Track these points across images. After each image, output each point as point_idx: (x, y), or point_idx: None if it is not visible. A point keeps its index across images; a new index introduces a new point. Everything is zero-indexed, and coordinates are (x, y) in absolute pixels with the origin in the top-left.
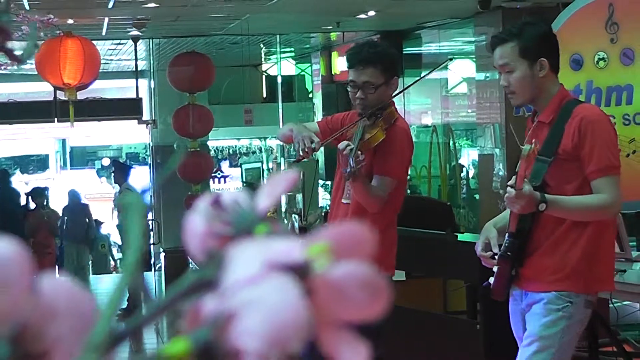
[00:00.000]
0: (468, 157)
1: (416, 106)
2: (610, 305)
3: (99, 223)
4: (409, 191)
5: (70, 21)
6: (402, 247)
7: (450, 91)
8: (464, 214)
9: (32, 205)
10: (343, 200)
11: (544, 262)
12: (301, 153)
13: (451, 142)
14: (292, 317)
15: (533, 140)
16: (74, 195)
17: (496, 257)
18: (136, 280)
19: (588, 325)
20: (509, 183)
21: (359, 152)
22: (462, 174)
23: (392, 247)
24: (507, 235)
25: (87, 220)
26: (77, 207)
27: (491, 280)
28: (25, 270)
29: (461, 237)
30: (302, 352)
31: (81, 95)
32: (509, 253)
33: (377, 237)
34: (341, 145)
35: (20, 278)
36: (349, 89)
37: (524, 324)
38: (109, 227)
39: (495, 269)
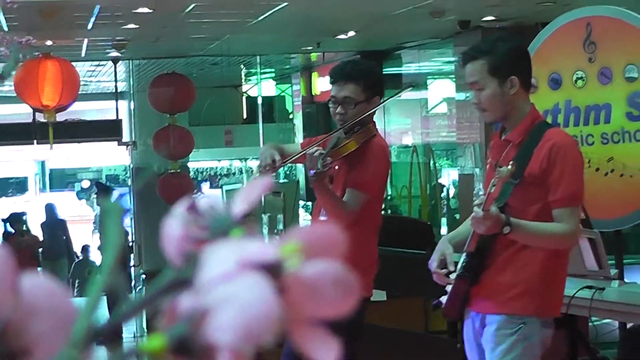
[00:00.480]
0: (448, 177)
1: (396, 126)
2: (590, 324)
3: (86, 249)
4: (389, 211)
5: (49, 42)
6: (383, 266)
7: (430, 111)
8: (444, 233)
9: (11, 231)
10: (321, 217)
11: (498, 280)
12: (261, 170)
13: (431, 162)
14: (264, 313)
15: (511, 162)
16: (51, 211)
17: (452, 275)
18: (115, 279)
19: (568, 343)
20: (475, 202)
21: (328, 158)
22: (442, 194)
23: (371, 267)
24: (465, 254)
25: (64, 236)
26: (54, 223)
27: (443, 299)
28: (7, 269)
29: None
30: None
31: (60, 117)
32: (466, 273)
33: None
34: (311, 150)
35: (2, 277)
36: (330, 105)
37: (479, 349)
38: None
39: (448, 287)
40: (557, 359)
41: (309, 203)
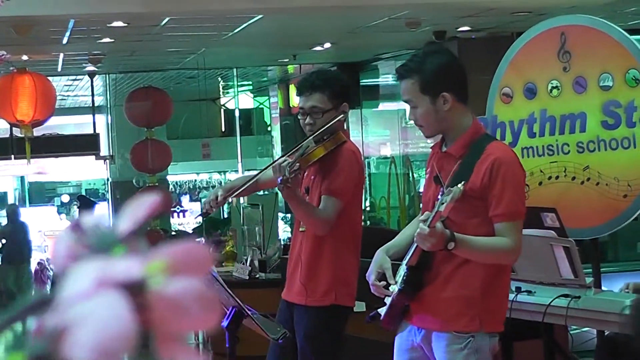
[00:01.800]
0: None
1: (375, 137)
2: (570, 332)
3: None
4: (368, 222)
5: (24, 57)
6: (361, 278)
7: (408, 122)
8: None
9: None
10: (300, 229)
11: (439, 296)
12: (206, 207)
13: (410, 173)
14: (119, 331)
15: (462, 182)
16: (14, 214)
17: (391, 287)
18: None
19: (545, 351)
20: (421, 218)
21: (296, 164)
22: (421, 205)
23: (350, 277)
24: (405, 267)
25: (26, 239)
26: (16, 226)
27: (381, 310)
28: None
29: None
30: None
31: (38, 131)
32: (407, 287)
33: (328, 264)
34: (279, 160)
35: None
36: (299, 117)
37: None
38: None
39: (387, 299)
40: None
41: (288, 215)
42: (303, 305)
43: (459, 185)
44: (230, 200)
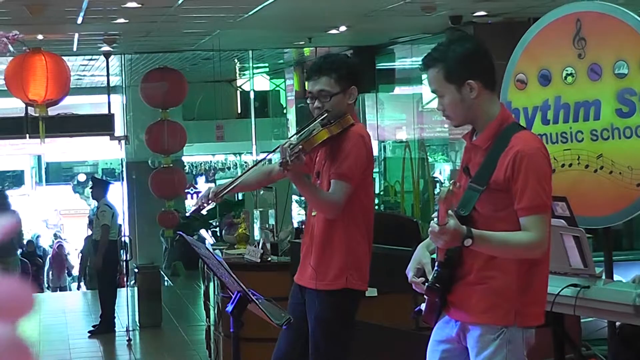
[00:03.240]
0: (443, 172)
1: (390, 121)
2: (582, 320)
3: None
4: (382, 207)
5: (40, 37)
6: (372, 263)
7: (424, 106)
8: None
9: None
10: (312, 213)
11: (471, 292)
12: (199, 202)
13: (425, 157)
14: None
15: (452, 181)
16: (3, 197)
17: (426, 284)
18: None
19: (555, 341)
20: (432, 216)
21: (299, 146)
22: (435, 189)
23: (361, 261)
24: (435, 264)
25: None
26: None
27: (423, 306)
28: None
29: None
30: None
31: (53, 111)
32: (437, 285)
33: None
34: (283, 143)
35: None
36: (308, 101)
37: (442, 355)
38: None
39: (425, 295)
40: (543, 357)
41: (302, 198)
42: (314, 289)
43: (446, 187)
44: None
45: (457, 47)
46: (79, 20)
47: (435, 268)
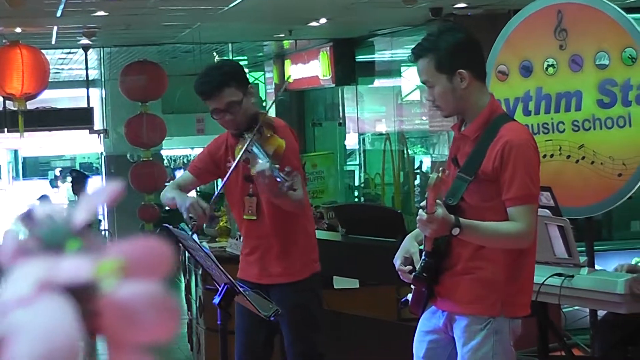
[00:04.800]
0: (422, 164)
1: (370, 114)
2: (562, 310)
3: None
4: (362, 199)
5: (18, 30)
6: (355, 255)
7: (404, 99)
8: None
9: None
10: (245, 217)
11: (458, 281)
12: (196, 222)
13: (405, 150)
14: (61, 343)
15: (440, 169)
16: None
17: (413, 274)
18: None
19: (538, 330)
20: (421, 204)
21: (276, 166)
22: (415, 181)
23: (314, 242)
24: (423, 254)
25: None
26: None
27: (410, 296)
28: None
29: None
30: None
31: (32, 105)
32: (424, 274)
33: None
34: (258, 168)
35: None
36: (214, 117)
37: (429, 345)
38: None
39: (412, 285)
40: (527, 346)
41: None
42: (285, 283)
43: (436, 174)
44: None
45: (449, 37)
46: (58, 13)
47: (423, 257)
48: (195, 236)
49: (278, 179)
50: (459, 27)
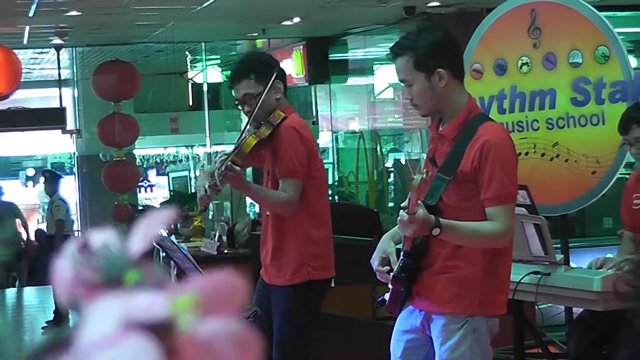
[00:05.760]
0: (395, 162)
1: (343, 112)
2: (536, 307)
3: None
4: (336, 197)
5: None
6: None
7: (377, 97)
8: (392, 220)
9: None
10: (267, 213)
11: (436, 280)
12: (202, 202)
13: (378, 148)
14: None
15: (425, 170)
16: None
17: (391, 274)
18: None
19: (515, 328)
20: (402, 205)
21: (229, 163)
22: (389, 179)
23: (322, 249)
24: (401, 254)
25: None
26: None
27: (387, 296)
28: None
29: None
30: None
31: (4, 105)
32: (403, 274)
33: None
34: (217, 157)
35: None
36: (238, 107)
37: (407, 345)
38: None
39: (390, 285)
40: (504, 344)
41: None
42: (277, 285)
43: (420, 175)
44: (198, 174)
45: (428, 36)
46: (31, 13)
47: (401, 257)
48: (173, 237)
49: (215, 175)
50: (438, 26)
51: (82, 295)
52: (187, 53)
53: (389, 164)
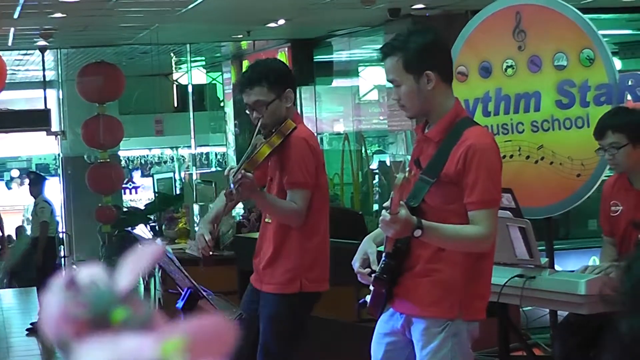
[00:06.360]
0: (379, 164)
1: (328, 114)
2: (521, 309)
3: None
4: None
5: None
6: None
7: (362, 98)
8: (377, 221)
9: None
10: (266, 220)
11: (417, 283)
12: (203, 252)
13: (363, 149)
14: None
15: (407, 169)
16: None
17: (373, 275)
18: None
19: (499, 329)
20: (384, 205)
21: (243, 171)
22: (374, 181)
23: (319, 261)
24: (383, 255)
25: None
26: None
27: (368, 298)
28: None
29: None
30: None
31: None
32: (384, 275)
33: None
34: (226, 171)
35: None
36: (247, 112)
37: (387, 348)
38: None
39: (372, 287)
40: (488, 347)
41: None
42: (268, 292)
43: (402, 174)
44: (183, 175)
45: (418, 38)
46: (16, 15)
47: (383, 259)
48: (158, 240)
49: (230, 184)
50: (429, 28)
51: (70, 333)
52: (171, 55)
53: (374, 165)
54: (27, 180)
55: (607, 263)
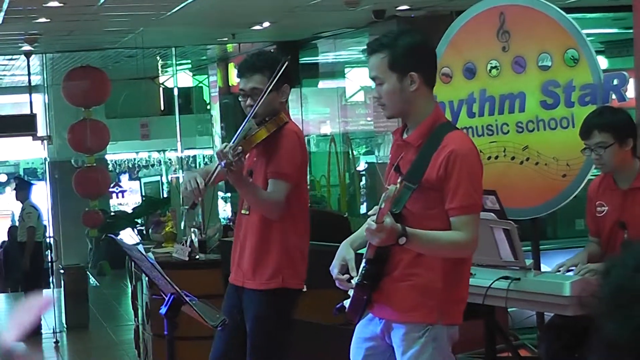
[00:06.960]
0: (367, 165)
1: (315, 115)
2: (508, 309)
3: None
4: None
5: None
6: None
7: (348, 100)
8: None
9: None
10: (242, 211)
11: (397, 288)
12: (187, 195)
13: (350, 151)
14: None
15: (399, 181)
16: None
17: (353, 280)
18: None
19: (485, 331)
20: (369, 213)
21: (239, 147)
22: (361, 183)
23: (298, 259)
24: (364, 261)
25: None
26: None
27: (346, 302)
28: None
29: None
30: None
31: None
32: (365, 281)
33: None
34: (220, 147)
35: None
36: (240, 98)
37: (367, 352)
38: None
39: (351, 292)
40: (475, 348)
41: (229, 194)
42: (251, 289)
43: (394, 185)
44: (170, 179)
45: (407, 38)
46: (0, 20)
47: (363, 264)
48: (141, 247)
49: (229, 157)
50: (419, 31)
51: None
52: (157, 58)
53: (361, 167)
54: (13, 186)
55: (584, 266)
